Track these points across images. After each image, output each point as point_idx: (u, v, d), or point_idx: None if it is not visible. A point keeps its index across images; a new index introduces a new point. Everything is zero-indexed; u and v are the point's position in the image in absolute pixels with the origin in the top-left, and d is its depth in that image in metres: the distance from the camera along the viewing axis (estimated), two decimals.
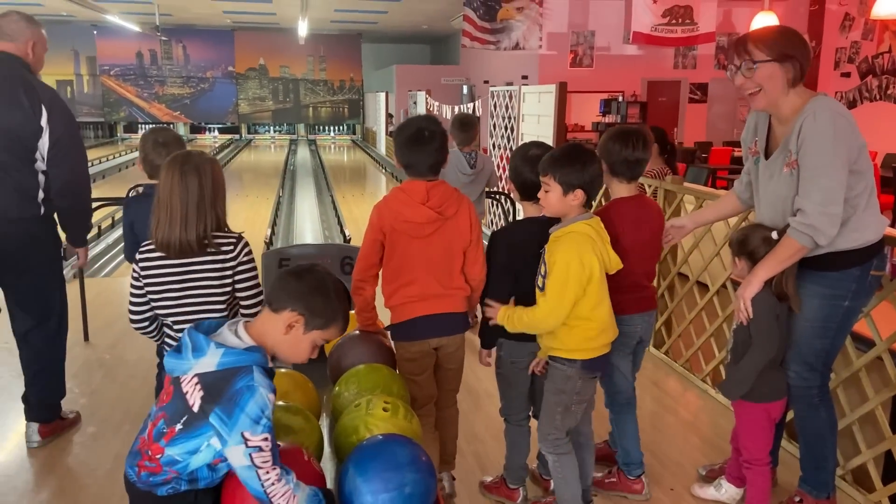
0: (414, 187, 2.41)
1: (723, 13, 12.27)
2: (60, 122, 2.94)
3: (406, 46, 23.79)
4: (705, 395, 3.81)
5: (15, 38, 2.99)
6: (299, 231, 9.06)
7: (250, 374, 1.64)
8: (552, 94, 6.19)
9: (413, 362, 2.49)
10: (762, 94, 2.36)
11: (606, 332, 2.40)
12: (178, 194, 2.18)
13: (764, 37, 2.37)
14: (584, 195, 2.29)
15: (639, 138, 2.57)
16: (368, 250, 2.45)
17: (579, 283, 2.26)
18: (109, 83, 21.48)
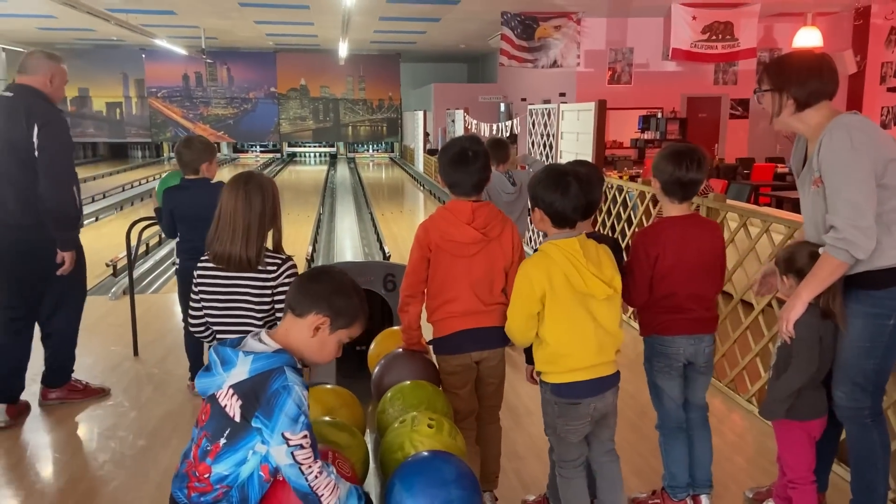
0: (460, 207, 2.45)
1: (764, 28, 12.13)
2: (48, 137, 3.37)
3: (444, 65, 24.01)
4: (751, 415, 3.74)
5: (34, 71, 3.47)
6: (339, 248, 9.18)
7: (283, 374, 1.69)
8: (591, 111, 6.20)
9: (455, 375, 2.52)
10: (772, 118, 2.49)
11: (574, 357, 2.29)
12: (241, 211, 2.31)
13: (771, 66, 2.50)
14: (546, 215, 2.30)
15: (693, 158, 2.53)
16: (416, 267, 2.50)
17: (529, 299, 2.26)
18: (157, 105, 22.11)
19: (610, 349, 2.36)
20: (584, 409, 2.33)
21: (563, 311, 2.26)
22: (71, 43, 19.10)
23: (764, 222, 3.75)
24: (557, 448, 2.44)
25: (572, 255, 2.25)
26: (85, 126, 21.54)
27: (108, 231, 7.64)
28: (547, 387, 2.37)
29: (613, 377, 2.40)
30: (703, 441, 2.78)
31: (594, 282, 2.25)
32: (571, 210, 2.28)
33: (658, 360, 2.69)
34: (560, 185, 2.27)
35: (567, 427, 2.35)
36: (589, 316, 2.28)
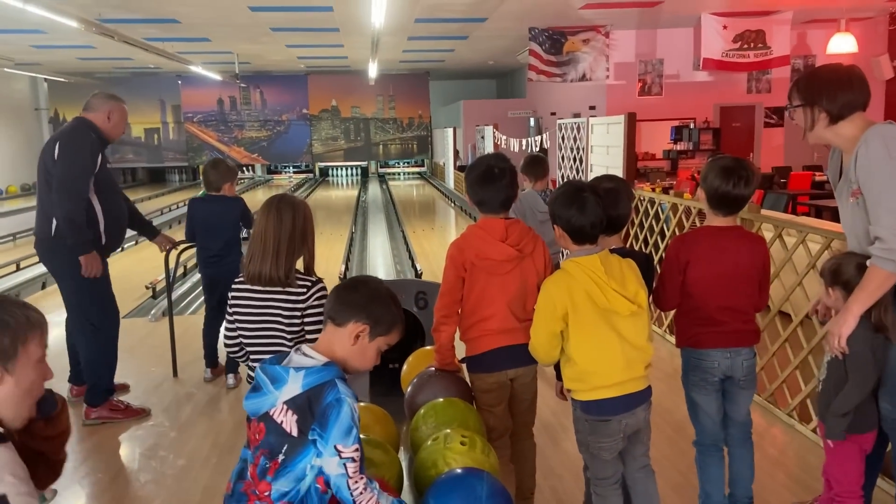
0: (492, 224, 2.45)
1: (797, 36, 11.96)
2: (63, 152, 3.79)
3: (473, 82, 24.12)
4: (791, 429, 3.67)
5: (95, 109, 3.98)
6: (372, 266, 9.24)
7: (335, 387, 1.72)
8: (621, 124, 6.18)
9: (490, 393, 2.51)
10: (805, 133, 2.47)
11: (600, 374, 2.27)
12: (272, 227, 2.37)
13: (800, 81, 2.48)
14: (565, 232, 2.31)
15: (741, 175, 2.52)
16: (451, 287, 2.49)
17: (551, 318, 2.27)
18: (193, 129, 22.61)
19: (638, 365, 2.33)
20: (615, 426, 2.31)
21: (587, 329, 2.26)
22: (110, 72, 19.66)
23: (800, 232, 3.69)
24: (591, 465, 2.42)
25: (593, 272, 2.24)
26: (124, 152, 22.10)
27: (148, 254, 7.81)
28: (577, 404, 2.36)
29: (644, 393, 2.36)
30: (743, 458, 2.72)
31: (617, 298, 2.23)
32: (590, 226, 2.28)
33: (693, 373, 2.66)
34: (577, 202, 2.27)
35: (599, 444, 2.34)
36: (614, 332, 2.26)
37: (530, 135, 15.94)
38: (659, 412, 3.93)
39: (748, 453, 2.73)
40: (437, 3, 9.66)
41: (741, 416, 2.71)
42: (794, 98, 2.48)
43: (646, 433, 2.45)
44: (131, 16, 10.13)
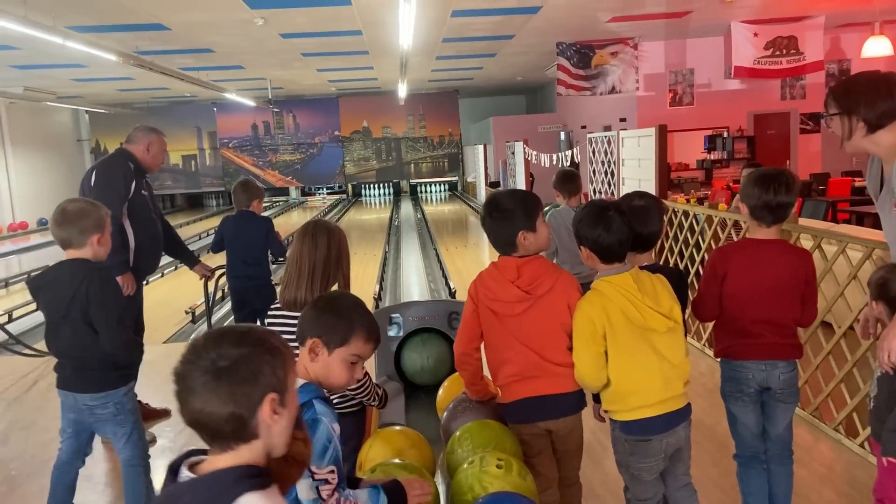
0: (505, 264, 2.37)
1: (830, 40, 11.77)
2: (98, 179, 3.99)
3: (501, 98, 24.19)
4: (839, 445, 3.56)
5: (135, 141, 4.17)
6: (406, 286, 9.27)
7: (311, 407, 1.69)
8: (652, 136, 6.13)
9: (526, 445, 2.41)
10: (843, 142, 2.41)
11: (640, 393, 2.23)
12: (307, 252, 2.40)
13: (836, 90, 2.43)
14: (592, 252, 2.29)
15: (781, 182, 2.50)
16: (468, 321, 2.42)
17: (592, 339, 2.22)
18: (228, 155, 23.05)
19: (677, 382, 2.29)
20: (656, 446, 2.27)
21: (624, 348, 2.22)
22: (148, 101, 20.20)
23: (840, 242, 3.61)
24: (632, 487, 2.38)
25: (626, 290, 2.22)
26: (163, 179, 22.61)
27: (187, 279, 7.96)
28: (616, 424, 2.32)
29: (684, 411, 2.32)
30: (781, 476, 2.66)
31: (653, 315, 2.21)
32: (617, 244, 2.26)
33: (729, 384, 2.64)
34: (602, 221, 2.25)
35: (640, 465, 2.30)
36: (651, 350, 2.23)
37: (561, 149, 15.90)
38: (700, 429, 3.85)
39: (787, 471, 2.67)
40: (463, 22, 9.74)
41: (780, 430, 2.65)
42: (830, 107, 2.43)
43: (686, 451, 2.41)
44: (167, 47, 10.41)
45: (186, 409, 1.21)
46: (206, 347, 1.22)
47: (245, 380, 1.20)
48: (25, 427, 4.52)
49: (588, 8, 9.14)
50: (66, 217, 2.74)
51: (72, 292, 2.70)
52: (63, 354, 2.83)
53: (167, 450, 3.99)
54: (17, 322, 7.61)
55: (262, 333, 1.27)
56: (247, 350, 1.22)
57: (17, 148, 18.10)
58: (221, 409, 1.19)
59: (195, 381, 1.19)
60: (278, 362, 1.25)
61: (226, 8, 8.13)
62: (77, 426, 2.88)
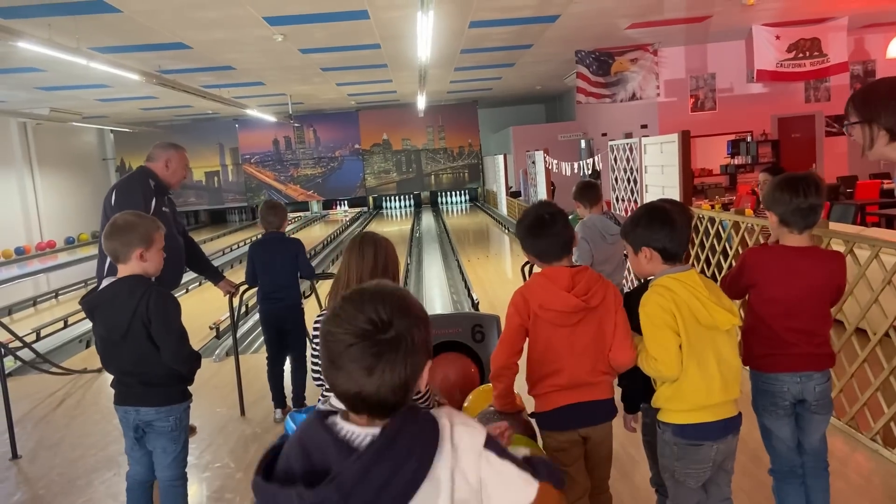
0: (558, 273, 2.32)
1: (854, 41, 11.60)
2: (119, 197, 3.97)
3: (521, 108, 24.18)
4: (877, 455, 3.46)
5: (155, 159, 4.18)
6: (429, 297, 9.24)
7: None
8: (675, 143, 6.06)
9: (563, 452, 2.37)
10: (864, 151, 2.33)
11: (700, 393, 2.20)
12: (354, 264, 2.43)
13: (856, 98, 2.35)
14: (655, 253, 2.27)
15: (810, 183, 2.46)
16: (513, 337, 2.35)
17: (670, 329, 2.19)
18: (250, 170, 23.28)
19: (734, 385, 2.26)
20: (706, 452, 2.24)
21: (690, 345, 2.20)
22: (171, 120, 20.49)
23: (872, 247, 3.52)
24: (674, 493, 2.33)
25: (694, 287, 2.21)
26: (187, 196, 22.89)
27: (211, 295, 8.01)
28: (668, 427, 2.28)
29: (736, 419, 2.29)
30: (818, 491, 2.58)
31: (719, 312, 2.19)
32: (680, 244, 2.27)
33: (762, 398, 2.57)
34: (667, 220, 2.26)
35: (687, 471, 2.26)
36: (713, 350, 2.21)
37: (581, 157, 15.81)
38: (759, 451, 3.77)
39: (823, 483, 2.60)
40: (482, 33, 9.75)
41: (814, 442, 2.59)
42: (850, 115, 2.35)
43: (731, 461, 2.37)
44: (189, 65, 10.55)
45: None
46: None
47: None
48: (53, 445, 4.55)
49: (606, 15, 9.10)
50: (114, 229, 2.76)
51: (132, 309, 2.72)
52: (126, 372, 2.84)
53: (193, 466, 3.98)
54: (44, 340, 7.70)
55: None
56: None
57: (44, 168, 18.44)
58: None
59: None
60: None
61: (246, 25, 8.21)
62: (143, 445, 2.91)
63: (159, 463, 2.90)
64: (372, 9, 7.84)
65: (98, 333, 2.88)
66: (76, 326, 8.23)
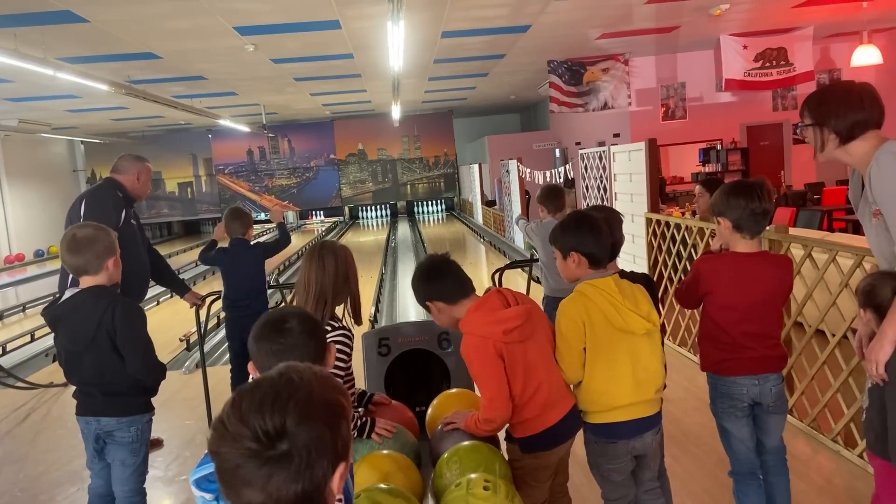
0: (485, 301, 2.31)
1: (820, 50, 11.84)
2: (89, 210, 3.95)
3: (496, 117, 24.31)
4: (837, 456, 3.52)
5: (124, 171, 4.13)
6: (403, 307, 9.23)
7: None
8: (642, 151, 6.13)
9: (544, 470, 2.35)
10: (816, 153, 2.43)
11: (610, 395, 2.27)
12: (314, 274, 2.41)
13: (810, 100, 2.45)
14: (583, 258, 2.33)
15: (762, 189, 2.53)
16: (500, 386, 2.22)
17: (575, 336, 2.27)
18: (224, 181, 23.11)
19: (649, 387, 2.32)
20: (623, 449, 2.32)
21: (601, 349, 2.27)
22: (143, 130, 20.30)
23: (830, 251, 3.59)
24: (602, 487, 2.42)
25: (609, 293, 2.28)
26: (159, 207, 22.67)
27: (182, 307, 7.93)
28: (587, 426, 2.37)
29: (653, 418, 2.36)
30: (779, 487, 2.65)
31: (632, 317, 2.26)
32: (604, 249, 2.34)
33: (721, 400, 2.63)
34: (594, 227, 2.34)
35: (609, 467, 2.34)
36: (627, 354, 2.28)
37: (556, 166, 15.92)
38: (698, 444, 3.81)
39: (784, 482, 2.67)
40: (454, 43, 9.80)
41: (774, 441, 2.66)
42: (804, 117, 2.45)
43: (654, 458, 2.44)
44: (159, 75, 10.47)
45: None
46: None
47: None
48: (17, 460, 4.47)
49: (577, 25, 9.20)
50: (79, 244, 2.72)
51: (97, 320, 2.69)
52: (88, 383, 2.81)
53: (159, 479, 3.93)
54: (10, 354, 7.57)
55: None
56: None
57: (13, 180, 18.15)
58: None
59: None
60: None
61: (216, 35, 8.18)
62: (103, 457, 2.87)
63: (117, 476, 2.86)
64: (343, 19, 7.85)
65: (61, 344, 2.85)
66: (43, 340, 8.09)
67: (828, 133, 2.36)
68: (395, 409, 2.76)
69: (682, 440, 3.88)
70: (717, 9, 8.61)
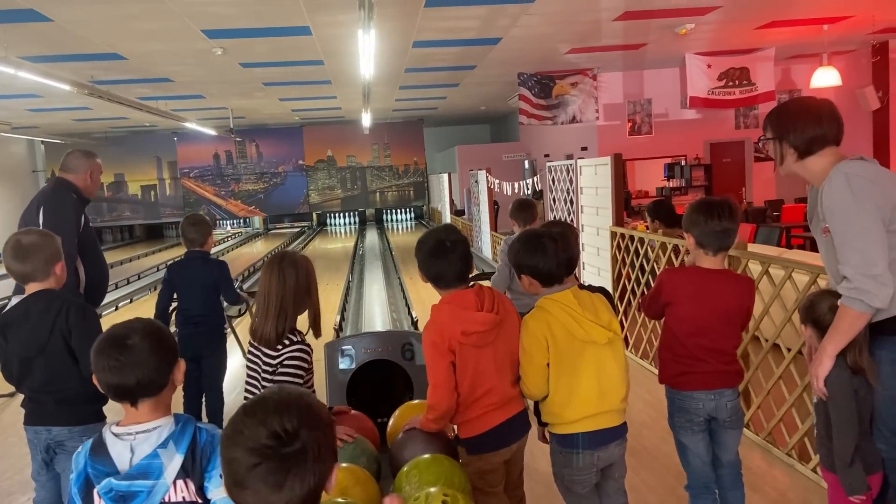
0: (462, 297, 2.34)
1: (781, 71, 12.15)
2: (48, 217, 3.70)
3: (467, 127, 24.41)
4: (792, 470, 3.59)
5: (75, 170, 3.86)
6: (368, 315, 9.19)
7: (200, 429, 1.71)
8: (608, 165, 6.21)
9: (494, 473, 2.36)
10: (776, 166, 2.50)
11: (574, 406, 2.31)
12: (274, 286, 2.39)
13: (772, 115, 2.50)
14: (533, 279, 2.38)
15: (724, 208, 2.58)
16: (445, 376, 2.28)
17: (538, 351, 2.30)
18: (189, 185, 22.78)
19: (613, 397, 2.34)
20: (588, 460, 2.33)
21: (564, 362, 2.30)
22: (106, 132, 19.91)
23: (786, 268, 3.67)
24: (567, 499, 2.44)
25: (568, 305, 2.31)
26: (121, 210, 22.26)
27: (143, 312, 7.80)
28: (553, 437, 2.40)
29: (618, 429, 2.38)
30: (734, 502, 2.68)
31: (593, 328, 2.29)
32: (555, 267, 2.37)
33: (678, 414, 2.68)
34: (539, 248, 2.37)
35: (572, 478, 2.36)
36: (590, 365, 2.31)
37: (525, 177, 16.04)
38: (658, 456, 3.86)
39: (739, 494, 2.72)
40: (425, 52, 9.83)
41: (730, 455, 2.70)
42: (766, 130, 2.50)
43: (619, 470, 2.46)
44: (124, 77, 10.30)
45: None
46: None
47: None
48: None
49: (547, 39, 9.30)
50: (25, 251, 2.67)
51: (49, 325, 2.64)
52: (39, 390, 2.73)
53: None
54: None
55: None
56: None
57: None
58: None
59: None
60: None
61: (184, 38, 8.08)
62: (52, 469, 2.78)
63: (67, 488, 2.79)
64: (314, 25, 7.82)
65: (12, 351, 2.76)
66: None
67: (787, 147, 2.41)
68: (355, 418, 2.75)
69: (641, 452, 3.92)
70: (682, 28, 8.79)
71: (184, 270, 4.34)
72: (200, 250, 4.33)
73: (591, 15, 8.08)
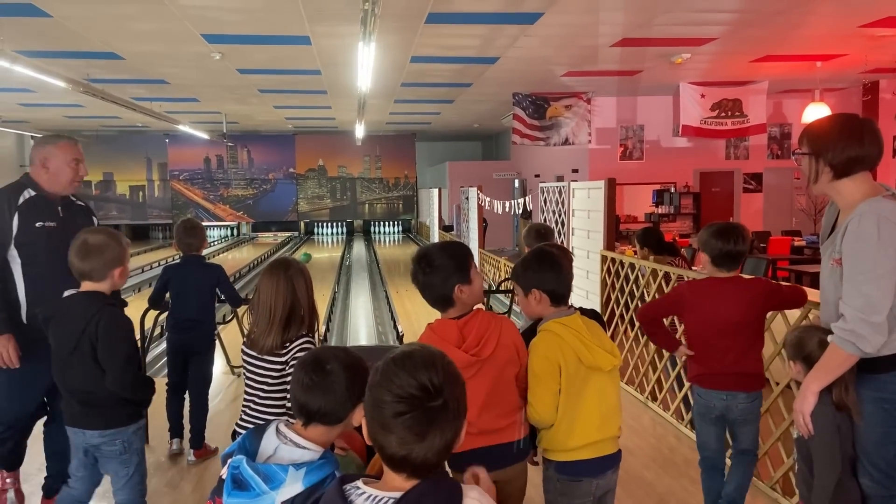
0: (446, 329, 2.24)
1: (773, 104, 12.30)
2: (20, 224, 3.16)
3: (458, 143, 24.50)
4: (775, 503, 3.58)
5: (30, 162, 3.30)
6: (354, 328, 9.14)
7: (334, 478, 1.61)
8: (601, 189, 6.24)
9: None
10: (809, 184, 2.37)
11: (577, 434, 2.25)
12: (272, 295, 2.42)
13: (810, 129, 2.37)
14: (544, 295, 2.33)
15: (738, 233, 2.91)
16: None
17: (551, 378, 2.23)
18: (178, 187, 22.66)
19: (612, 425, 2.34)
20: (587, 488, 2.30)
21: (573, 388, 2.26)
22: (97, 130, 19.79)
23: None
24: None
25: (578, 331, 2.27)
26: (108, 209, 22.07)
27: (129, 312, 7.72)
28: (550, 464, 2.34)
29: (615, 456, 2.37)
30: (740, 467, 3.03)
31: (601, 354, 2.26)
32: (567, 287, 2.37)
33: (697, 405, 3.04)
34: (554, 265, 2.34)
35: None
36: (594, 392, 2.29)
37: (514, 196, 16.09)
38: (640, 484, 3.84)
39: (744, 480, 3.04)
40: (423, 68, 9.87)
41: (744, 444, 3.00)
42: (802, 144, 2.35)
43: (611, 495, 2.44)
44: (120, 76, 10.25)
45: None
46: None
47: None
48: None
49: (544, 62, 9.37)
50: (87, 250, 2.68)
51: (82, 326, 2.63)
52: (71, 391, 2.72)
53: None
54: None
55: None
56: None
57: None
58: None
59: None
60: None
61: (182, 41, 8.06)
62: (89, 468, 2.79)
63: (114, 486, 2.81)
64: (314, 36, 7.83)
65: (51, 347, 2.76)
66: None
67: (823, 165, 2.26)
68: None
69: (624, 479, 3.89)
70: (678, 57, 8.90)
71: (181, 274, 4.33)
72: (196, 255, 4.36)
73: (590, 40, 8.16)
